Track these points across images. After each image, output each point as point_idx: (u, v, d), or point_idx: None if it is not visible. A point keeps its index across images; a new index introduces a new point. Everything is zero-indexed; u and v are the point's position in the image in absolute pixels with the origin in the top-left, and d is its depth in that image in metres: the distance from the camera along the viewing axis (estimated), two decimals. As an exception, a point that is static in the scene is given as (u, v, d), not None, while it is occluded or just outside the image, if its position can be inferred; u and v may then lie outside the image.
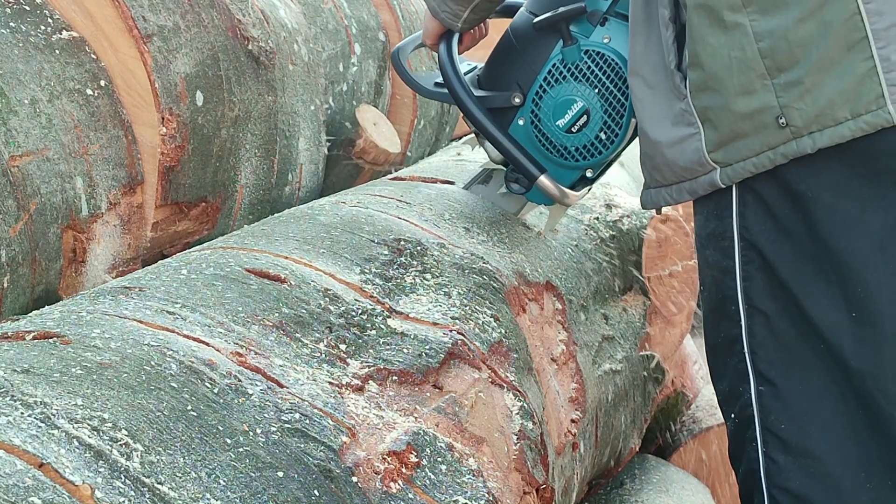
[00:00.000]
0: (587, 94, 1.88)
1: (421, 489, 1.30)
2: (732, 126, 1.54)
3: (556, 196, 1.94)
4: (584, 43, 1.87)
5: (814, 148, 1.49)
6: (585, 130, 1.89)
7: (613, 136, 1.90)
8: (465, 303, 1.65)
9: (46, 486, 0.98)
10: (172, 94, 1.89)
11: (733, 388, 1.65)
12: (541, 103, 1.90)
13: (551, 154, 1.93)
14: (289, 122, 2.30)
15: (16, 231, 1.64)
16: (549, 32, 1.89)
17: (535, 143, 1.92)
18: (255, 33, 2.14)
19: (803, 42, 1.47)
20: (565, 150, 1.92)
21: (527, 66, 1.91)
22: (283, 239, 1.66)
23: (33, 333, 1.26)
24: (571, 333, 1.97)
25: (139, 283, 1.45)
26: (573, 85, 1.88)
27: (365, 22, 2.88)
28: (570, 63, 1.88)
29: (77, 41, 1.85)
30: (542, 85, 1.90)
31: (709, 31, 1.53)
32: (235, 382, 1.24)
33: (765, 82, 1.50)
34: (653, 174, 1.69)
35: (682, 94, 1.58)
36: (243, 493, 1.11)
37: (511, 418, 1.55)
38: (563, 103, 1.89)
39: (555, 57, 1.89)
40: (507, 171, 1.99)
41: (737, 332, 1.63)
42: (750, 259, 1.59)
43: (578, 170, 1.94)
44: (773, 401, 1.61)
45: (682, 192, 1.66)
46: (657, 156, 1.65)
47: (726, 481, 2.96)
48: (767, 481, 1.63)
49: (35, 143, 1.70)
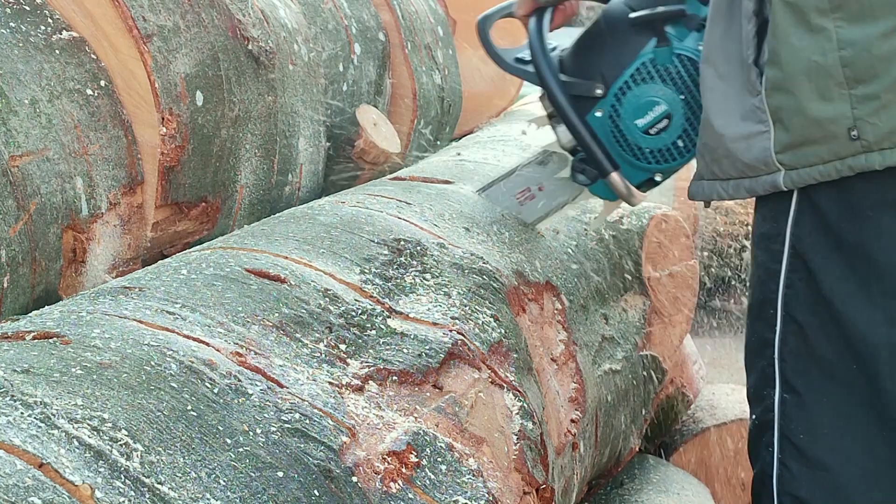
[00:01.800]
0: (672, 99, 1.84)
1: (421, 489, 1.30)
2: (804, 130, 1.51)
3: (622, 194, 1.91)
4: (677, 46, 1.82)
5: (882, 165, 1.47)
6: (664, 134, 1.85)
7: (691, 145, 1.86)
8: (464, 303, 1.65)
9: (46, 486, 0.98)
10: (172, 94, 1.89)
11: (758, 389, 1.65)
12: (623, 99, 1.85)
13: (624, 151, 1.89)
14: (289, 122, 2.30)
15: (16, 231, 1.64)
16: (643, 29, 1.84)
17: (609, 138, 1.88)
18: (255, 33, 2.14)
19: (886, 57, 1.45)
20: (639, 150, 1.88)
21: (615, 58, 1.87)
22: (282, 239, 1.66)
23: (33, 333, 1.26)
24: (571, 333, 1.97)
25: (139, 283, 1.45)
26: (659, 87, 1.84)
27: (365, 22, 2.88)
28: (661, 64, 1.83)
29: (77, 41, 1.85)
30: (627, 81, 1.85)
31: (793, 31, 1.50)
32: (235, 382, 1.24)
33: (842, 91, 1.47)
34: (710, 166, 1.66)
35: (757, 90, 1.55)
36: (243, 493, 1.11)
37: (511, 418, 1.55)
38: (645, 103, 1.85)
39: (645, 55, 1.84)
40: (575, 160, 1.94)
41: (770, 337, 1.62)
42: (796, 268, 1.58)
43: (648, 172, 1.90)
44: (795, 409, 1.60)
45: (739, 189, 1.63)
46: (719, 148, 1.62)
47: (726, 481, 2.96)
48: (779, 487, 1.63)
49: (35, 143, 1.70)
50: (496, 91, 3.64)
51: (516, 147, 2.61)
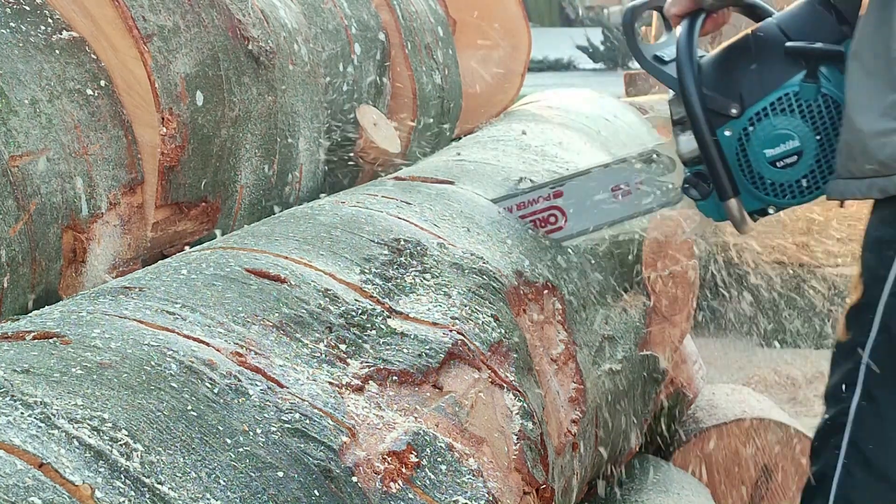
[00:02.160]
0: (807, 136, 1.78)
1: (421, 489, 1.30)
2: None
3: (735, 220, 1.86)
4: (825, 86, 1.77)
5: None
6: (790, 170, 1.80)
7: (814, 187, 1.81)
8: (464, 303, 1.65)
9: (46, 486, 0.98)
10: (172, 94, 1.89)
11: (838, 390, 1.63)
12: (757, 125, 1.80)
13: (744, 176, 1.84)
14: (289, 122, 2.30)
15: (16, 231, 1.64)
16: (795, 59, 1.79)
17: (732, 160, 1.83)
18: (255, 33, 2.14)
19: None
20: (761, 179, 1.83)
21: (758, 82, 1.81)
22: (283, 239, 1.66)
23: (33, 333, 1.26)
24: (571, 333, 1.97)
25: (139, 283, 1.45)
26: (797, 121, 1.79)
27: (365, 22, 2.88)
28: (804, 99, 1.78)
29: (77, 41, 1.85)
30: (766, 108, 1.80)
31: None
32: (235, 382, 1.24)
33: None
34: (847, 164, 1.63)
35: None
36: (243, 493, 1.11)
37: (511, 418, 1.55)
38: (779, 135, 1.80)
39: (790, 87, 1.79)
40: (690, 174, 1.90)
41: (862, 341, 1.60)
42: None
43: (763, 203, 1.86)
44: (870, 418, 1.59)
45: (872, 188, 1.60)
46: (856, 144, 1.59)
47: (726, 481, 2.96)
48: (837, 491, 1.61)
49: (35, 143, 1.70)
50: (496, 91, 3.64)
51: (516, 147, 2.61)
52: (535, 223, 2.09)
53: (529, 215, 2.10)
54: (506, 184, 2.25)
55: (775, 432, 2.98)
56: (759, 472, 2.98)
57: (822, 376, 4.46)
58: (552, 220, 2.09)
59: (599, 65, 19.06)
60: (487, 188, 2.19)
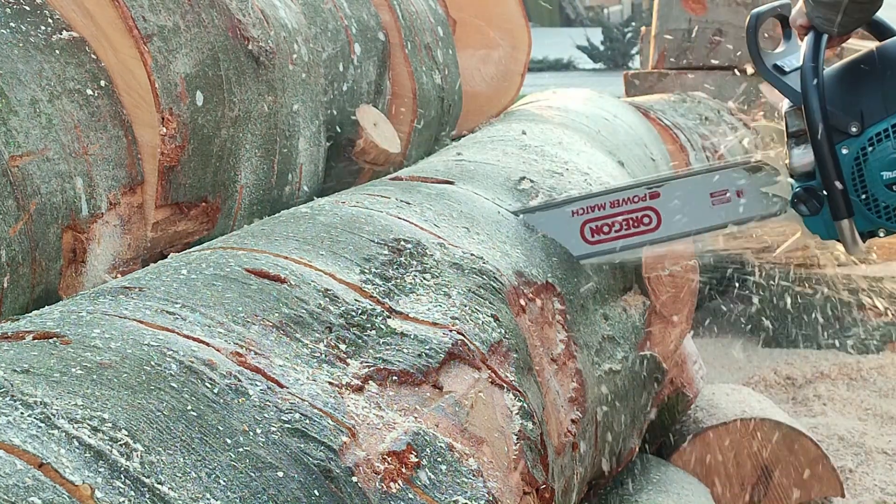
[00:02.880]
0: None
1: (421, 489, 1.30)
2: None
3: (845, 241, 1.83)
4: None
5: None
6: None
7: None
8: (464, 303, 1.65)
9: (46, 486, 0.98)
10: (172, 94, 1.89)
11: None
12: (877, 146, 1.78)
13: (857, 197, 1.81)
14: (289, 122, 2.30)
15: (16, 231, 1.64)
16: None
17: (847, 179, 1.80)
18: (255, 33, 2.14)
19: None
20: (875, 202, 1.80)
21: (881, 102, 1.79)
22: (282, 239, 1.66)
23: (33, 333, 1.26)
24: (571, 333, 1.97)
25: (139, 283, 1.45)
26: None
27: (365, 22, 2.88)
28: None
29: (77, 41, 1.85)
30: (888, 129, 1.77)
31: None
32: (235, 382, 1.24)
33: None
34: None
35: None
36: (243, 493, 1.11)
37: (511, 418, 1.55)
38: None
39: None
40: (800, 188, 1.86)
41: None
42: None
43: (874, 225, 1.83)
44: None
45: None
46: None
47: (726, 481, 2.96)
48: None
49: (35, 143, 1.70)
50: (496, 91, 3.64)
51: (516, 147, 2.61)
52: (627, 223, 2.04)
53: (616, 215, 2.05)
54: (506, 184, 2.25)
55: (775, 432, 2.98)
56: (759, 472, 2.98)
57: (822, 376, 4.46)
58: (645, 221, 2.04)
59: (599, 65, 19.06)
60: (487, 188, 2.19)
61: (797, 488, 3.01)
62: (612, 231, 2.07)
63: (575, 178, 2.41)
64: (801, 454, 3.00)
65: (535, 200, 2.15)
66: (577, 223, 2.08)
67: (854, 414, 4.09)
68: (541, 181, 2.31)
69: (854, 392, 4.28)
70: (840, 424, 3.93)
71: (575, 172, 2.46)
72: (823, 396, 4.23)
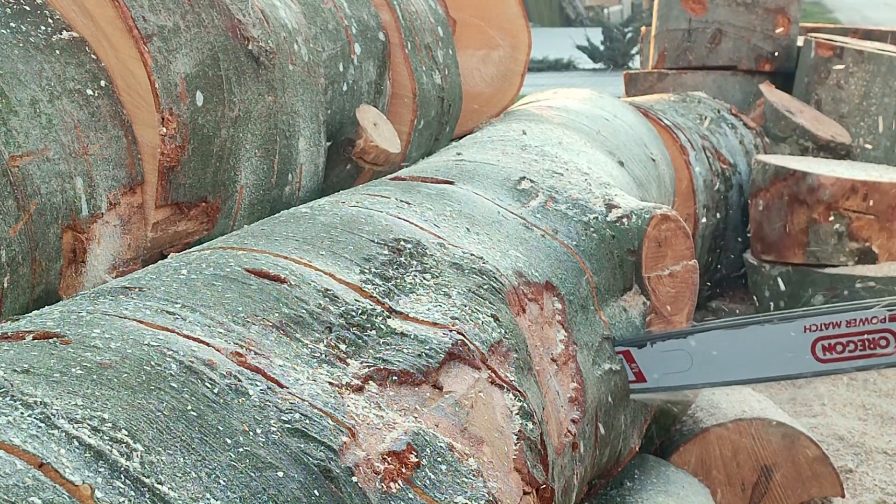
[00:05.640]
0: None
1: (421, 489, 1.30)
2: None
3: None
4: None
5: None
6: None
7: None
8: (464, 303, 1.65)
9: (46, 486, 0.98)
10: (172, 94, 1.89)
11: None
12: None
13: None
14: (289, 122, 2.30)
15: (16, 231, 1.64)
16: None
17: None
18: (255, 33, 2.14)
19: None
20: None
21: None
22: (282, 239, 1.66)
23: (33, 333, 1.26)
24: (571, 333, 1.97)
25: (139, 283, 1.45)
26: None
27: (365, 22, 2.88)
28: None
29: (77, 41, 1.85)
30: None
31: None
32: (235, 382, 1.24)
33: None
34: None
35: None
36: (243, 493, 1.11)
37: (511, 418, 1.55)
38: None
39: None
40: None
41: None
42: None
43: None
44: None
45: None
46: None
47: (726, 481, 2.96)
48: None
49: (35, 143, 1.70)
50: (496, 91, 3.64)
51: (516, 147, 2.61)
52: (862, 343, 1.88)
53: (851, 335, 1.89)
54: (506, 184, 2.25)
55: (775, 432, 2.98)
56: (759, 472, 2.98)
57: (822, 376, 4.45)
58: (882, 344, 1.87)
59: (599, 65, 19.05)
60: (487, 188, 2.19)
61: (797, 488, 3.01)
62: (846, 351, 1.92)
63: (575, 178, 2.41)
64: (801, 454, 3.00)
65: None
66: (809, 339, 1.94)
67: (854, 414, 4.09)
68: (541, 181, 2.31)
69: (854, 392, 4.28)
70: (840, 424, 3.94)
71: (575, 172, 2.46)
72: (823, 396, 4.23)
